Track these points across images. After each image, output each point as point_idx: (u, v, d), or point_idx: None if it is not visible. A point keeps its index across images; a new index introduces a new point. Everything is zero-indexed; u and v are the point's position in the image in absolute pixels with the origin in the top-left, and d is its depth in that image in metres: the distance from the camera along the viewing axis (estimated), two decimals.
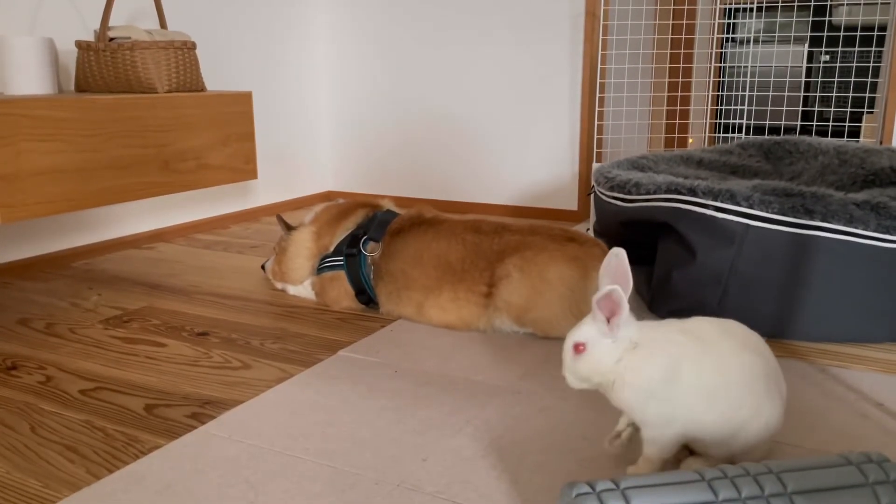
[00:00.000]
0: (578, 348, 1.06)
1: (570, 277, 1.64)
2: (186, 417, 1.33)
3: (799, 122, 3.06)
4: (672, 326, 1.07)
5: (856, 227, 1.58)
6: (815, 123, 2.97)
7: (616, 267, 1.07)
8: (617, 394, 1.05)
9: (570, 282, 1.64)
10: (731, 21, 3.57)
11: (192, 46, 2.27)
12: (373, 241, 1.85)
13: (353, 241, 1.88)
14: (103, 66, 2.16)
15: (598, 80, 2.95)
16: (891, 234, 1.58)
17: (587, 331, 1.07)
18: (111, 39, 2.17)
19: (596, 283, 1.64)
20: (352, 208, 1.98)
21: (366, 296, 1.88)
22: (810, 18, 3.79)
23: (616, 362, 1.04)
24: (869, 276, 1.60)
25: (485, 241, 1.75)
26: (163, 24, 2.35)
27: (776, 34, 3.92)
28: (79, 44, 2.20)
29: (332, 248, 1.93)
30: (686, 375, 1.02)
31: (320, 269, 1.94)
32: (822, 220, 1.59)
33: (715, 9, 3.39)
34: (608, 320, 1.05)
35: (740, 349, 1.05)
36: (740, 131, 3.06)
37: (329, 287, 1.93)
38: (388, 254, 1.82)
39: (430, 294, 1.77)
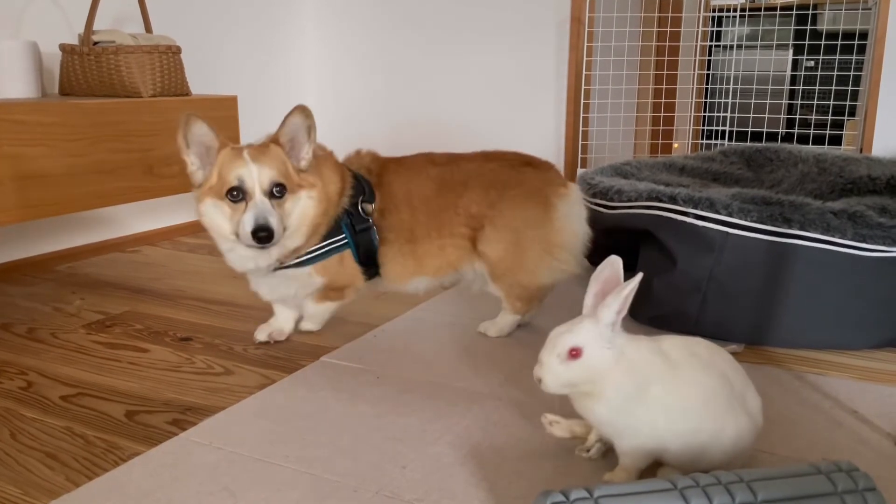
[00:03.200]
0: (573, 353, 1.03)
1: (535, 218, 1.65)
2: (167, 424, 1.33)
3: (782, 129, 3.10)
4: (647, 344, 1.08)
5: (833, 236, 1.60)
6: (797, 130, 3.00)
7: (608, 276, 1.08)
8: (592, 405, 1.06)
9: (536, 220, 1.65)
10: (717, 28, 3.60)
11: (177, 51, 2.27)
12: (367, 204, 1.66)
13: (354, 212, 1.64)
14: (88, 70, 2.16)
15: (584, 87, 2.96)
16: (867, 243, 1.60)
17: (584, 335, 1.03)
18: (96, 43, 2.17)
19: (560, 210, 1.66)
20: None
21: (374, 269, 1.70)
22: (792, 26, 3.83)
23: (608, 371, 1.03)
24: (846, 284, 1.62)
25: (445, 172, 1.69)
26: (148, 28, 2.35)
27: (759, 41, 3.96)
28: (63, 47, 2.20)
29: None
30: (653, 394, 1.03)
31: (320, 257, 1.63)
32: (800, 229, 1.61)
33: (700, 15, 3.42)
34: (607, 312, 1.02)
35: (701, 371, 1.06)
36: (724, 137, 3.09)
37: (342, 269, 1.66)
38: (380, 210, 1.67)
39: (425, 240, 1.67)
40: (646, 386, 1.04)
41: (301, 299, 1.72)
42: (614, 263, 1.07)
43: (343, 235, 1.63)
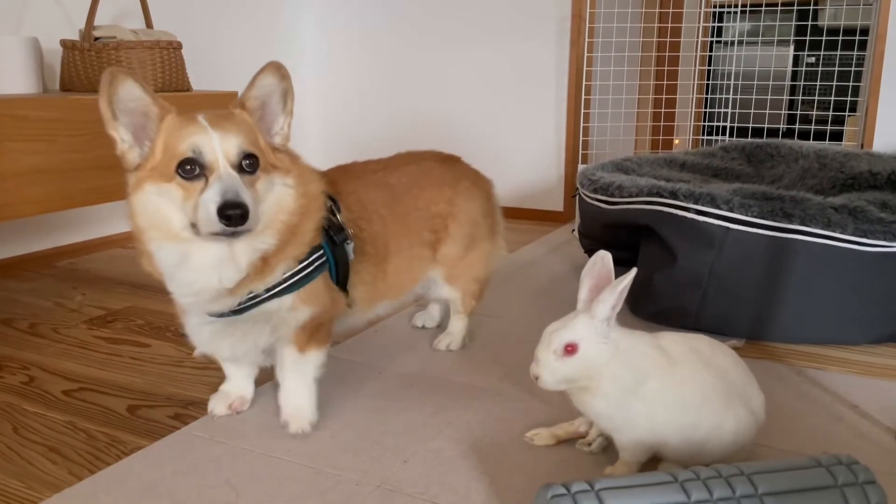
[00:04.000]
0: (569, 349, 1.03)
1: (486, 209, 1.63)
2: (169, 418, 1.33)
3: (783, 125, 3.10)
4: (645, 339, 1.09)
5: (833, 231, 1.60)
6: (798, 126, 3.00)
7: (599, 271, 1.09)
8: (589, 400, 1.07)
9: (486, 211, 1.63)
10: (717, 24, 3.60)
11: (178, 46, 2.27)
12: (338, 214, 1.34)
13: (331, 219, 1.31)
14: (88, 66, 2.16)
15: (585, 82, 2.96)
16: (868, 238, 1.60)
17: (580, 330, 1.03)
18: (96, 39, 2.17)
19: (495, 199, 1.69)
20: None
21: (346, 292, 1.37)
22: (794, 22, 3.82)
23: (605, 366, 1.03)
24: (846, 280, 1.63)
25: (388, 176, 1.50)
26: (149, 24, 2.35)
27: (760, 37, 3.95)
28: (64, 43, 2.20)
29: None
30: (650, 388, 1.04)
31: (308, 277, 1.23)
32: (801, 224, 1.61)
33: (700, 11, 3.41)
34: (603, 308, 1.03)
35: (701, 367, 1.06)
36: (725, 133, 3.09)
37: (330, 293, 1.30)
38: (352, 221, 1.36)
39: (395, 255, 1.45)
40: (643, 380, 1.04)
41: (267, 351, 1.28)
42: (604, 258, 1.07)
43: (323, 251, 1.26)
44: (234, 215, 1.04)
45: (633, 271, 1.03)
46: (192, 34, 2.84)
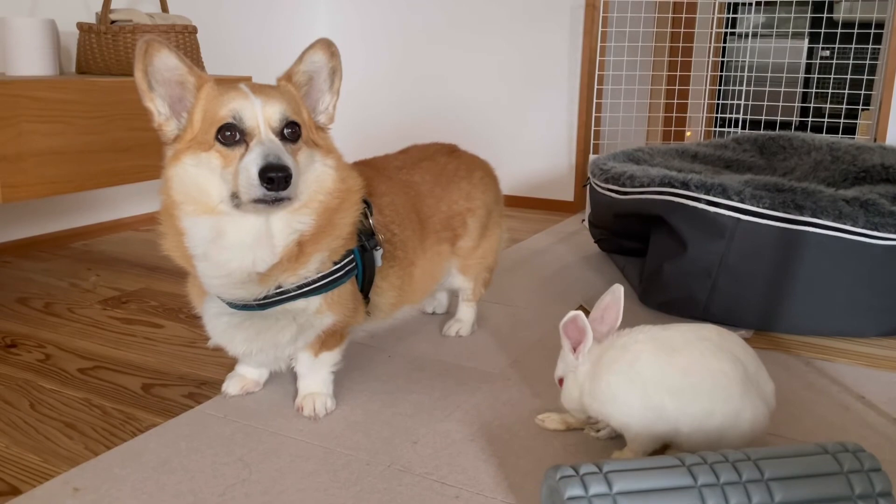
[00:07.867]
0: (560, 384, 1.18)
1: (497, 197, 1.64)
2: (183, 397, 1.35)
3: (796, 118, 3.09)
4: (636, 334, 1.12)
5: (845, 223, 1.61)
6: (811, 120, 2.99)
7: (609, 303, 1.16)
8: (592, 409, 1.13)
9: (497, 198, 1.64)
10: (732, 16, 3.58)
11: (194, 31, 2.28)
12: (370, 217, 1.31)
13: (364, 224, 1.28)
14: (105, 49, 2.18)
15: (597, 73, 2.96)
16: (879, 231, 1.60)
17: (560, 366, 1.18)
18: (113, 22, 2.18)
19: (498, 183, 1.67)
20: None
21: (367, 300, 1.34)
22: (809, 15, 3.80)
23: (581, 388, 1.14)
24: (856, 272, 1.63)
25: (414, 175, 1.49)
26: (164, 8, 2.36)
27: (774, 29, 3.93)
28: (80, 26, 2.21)
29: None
30: (648, 377, 1.06)
31: (339, 280, 1.21)
32: (812, 216, 1.61)
33: (715, 2, 3.40)
34: (575, 348, 1.14)
35: (712, 355, 1.07)
36: (738, 125, 3.08)
37: (355, 301, 1.28)
38: (385, 225, 1.34)
39: (421, 258, 1.43)
40: (633, 371, 1.07)
41: (289, 355, 1.28)
42: (615, 291, 1.16)
43: (353, 255, 1.24)
44: (276, 178, 1.01)
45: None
46: (206, 18, 2.85)
